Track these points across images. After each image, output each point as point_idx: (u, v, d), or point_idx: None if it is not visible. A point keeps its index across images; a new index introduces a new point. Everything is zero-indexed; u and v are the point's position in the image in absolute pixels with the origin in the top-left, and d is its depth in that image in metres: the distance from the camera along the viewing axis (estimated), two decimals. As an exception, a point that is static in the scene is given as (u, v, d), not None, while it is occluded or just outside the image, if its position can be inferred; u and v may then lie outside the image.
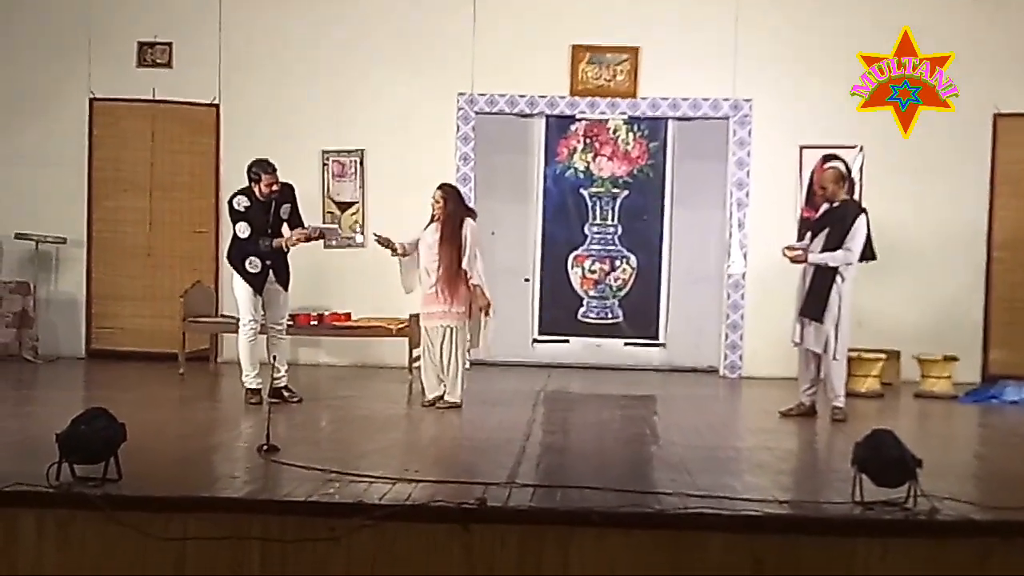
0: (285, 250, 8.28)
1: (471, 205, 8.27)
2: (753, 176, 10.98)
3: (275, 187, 8.13)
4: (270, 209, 8.21)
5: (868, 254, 8.23)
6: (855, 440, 5.28)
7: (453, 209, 8.18)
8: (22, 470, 5.17)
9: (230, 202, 8.20)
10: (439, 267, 8.11)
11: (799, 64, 10.83)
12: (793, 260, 8.30)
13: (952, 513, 4.97)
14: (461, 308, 8.17)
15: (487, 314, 8.25)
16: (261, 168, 8.13)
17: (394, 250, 8.32)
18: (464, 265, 8.09)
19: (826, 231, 8.18)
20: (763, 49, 10.87)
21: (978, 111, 10.76)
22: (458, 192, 8.46)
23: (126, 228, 11.17)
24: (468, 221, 8.20)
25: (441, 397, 8.26)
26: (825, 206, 8.43)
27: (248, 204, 8.13)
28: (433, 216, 8.26)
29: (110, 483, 5.06)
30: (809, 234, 8.45)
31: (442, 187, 8.34)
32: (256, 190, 8.15)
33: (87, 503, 4.87)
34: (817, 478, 6.13)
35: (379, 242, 8.32)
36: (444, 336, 8.17)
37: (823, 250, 8.15)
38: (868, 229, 8.16)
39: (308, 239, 8.37)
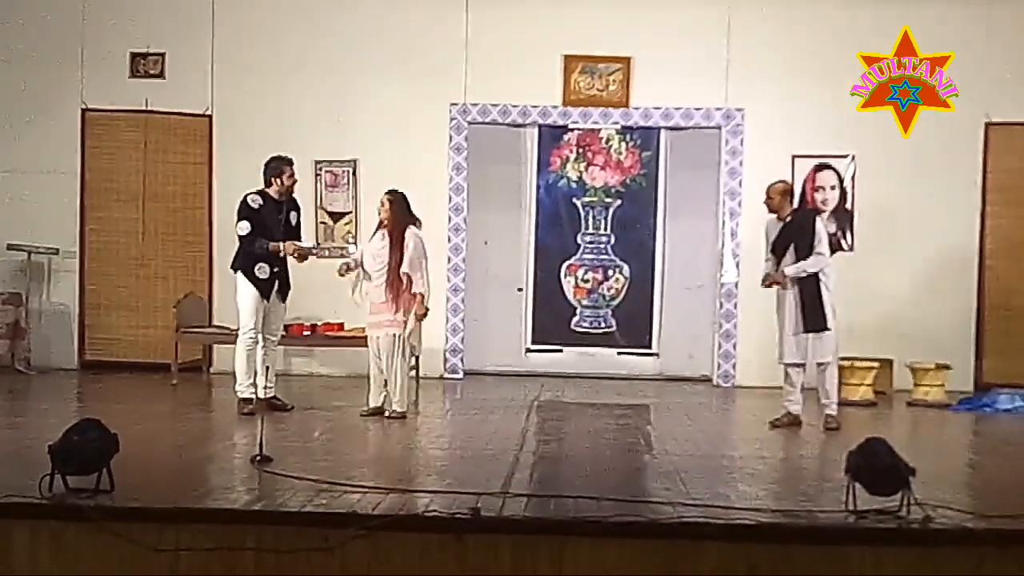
0: (281, 255, 8.26)
1: (415, 213, 8.38)
2: (745, 185, 10.98)
3: (296, 181, 8.32)
4: (282, 210, 8.27)
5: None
6: (848, 449, 5.29)
7: (398, 217, 8.23)
8: (15, 482, 5.16)
9: (244, 200, 8.19)
10: (387, 274, 8.13)
11: (791, 74, 10.84)
12: (773, 284, 8.26)
13: (946, 521, 4.97)
14: (404, 316, 8.21)
15: (420, 320, 8.41)
16: (284, 161, 8.27)
17: (348, 268, 8.37)
18: (405, 271, 8.11)
19: (793, 246, 8.16)
20: (755, 59, 10.90)
21: (971, 118, 10.78)
22: (404, 199, 8.38)
23: (119, 239, 11.15)
24: (411, 228, 8.23)
25: (380, 408, 8.26)
26: (772, 219, 8.31)
27: (262, 203, 8.17)
28: (380, 223, 8.32)
29: (103, 494, 5.05)
30: (772, 256, 8.31)
31: (389, 193, 8.38)
32: (275, 186, 8.23)
33: (80, 515, 4.87)
34: (811, 487, 6.13)
35: (343, 274, 8.42)
36: (391, 344, 8.18)
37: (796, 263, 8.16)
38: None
39: (302, 257, 8.40)
